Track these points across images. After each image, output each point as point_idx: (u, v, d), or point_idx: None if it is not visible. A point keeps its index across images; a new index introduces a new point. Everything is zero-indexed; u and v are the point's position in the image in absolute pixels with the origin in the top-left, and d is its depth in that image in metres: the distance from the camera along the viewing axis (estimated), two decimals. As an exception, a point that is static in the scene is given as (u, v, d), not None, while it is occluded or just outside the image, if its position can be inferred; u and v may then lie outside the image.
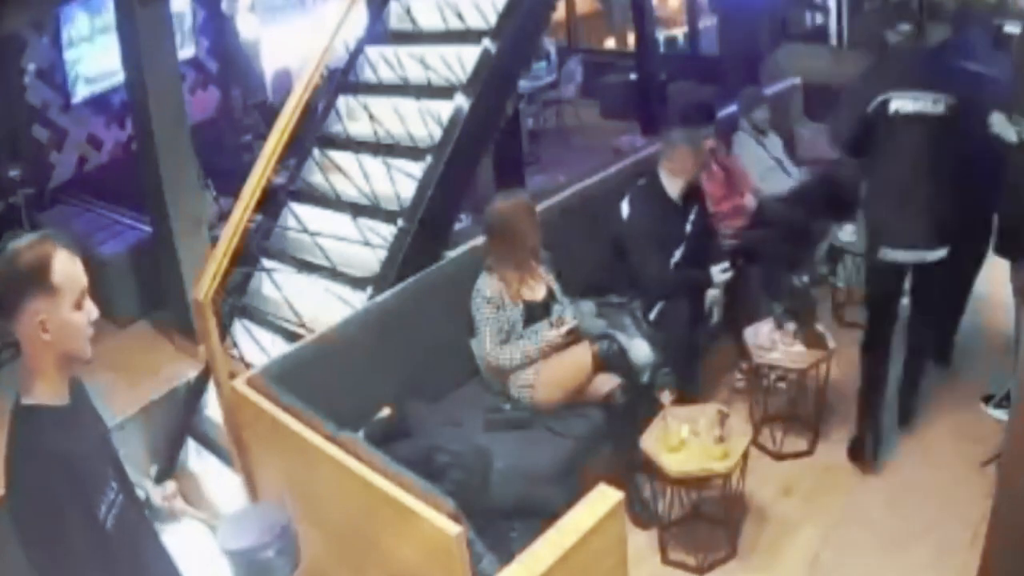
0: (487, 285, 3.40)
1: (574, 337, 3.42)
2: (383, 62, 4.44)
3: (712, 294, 3.82)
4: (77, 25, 6.35)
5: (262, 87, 7.80)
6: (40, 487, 1.61)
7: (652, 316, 3.70)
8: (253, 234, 4.05)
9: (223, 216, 4.77)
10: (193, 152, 4.69)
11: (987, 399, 3.73)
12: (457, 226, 4.50)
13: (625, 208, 3.84)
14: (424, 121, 3.99)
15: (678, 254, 3.86)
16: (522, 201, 3.50)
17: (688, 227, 3.92)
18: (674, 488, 3.14)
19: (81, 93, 6.48)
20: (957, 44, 3.48)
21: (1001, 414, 3.61)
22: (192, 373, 4.19)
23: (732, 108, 5.22)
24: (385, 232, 3.80)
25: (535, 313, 3.46)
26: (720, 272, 3.78)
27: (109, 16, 4.75)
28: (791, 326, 3.61)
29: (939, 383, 3.99)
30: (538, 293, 3.50)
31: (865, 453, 3.50)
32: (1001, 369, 3.67)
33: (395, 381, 3.34)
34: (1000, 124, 3.22)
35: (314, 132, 4.41)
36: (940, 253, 3.28)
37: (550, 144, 8.00)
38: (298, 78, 3.99)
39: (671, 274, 3.81)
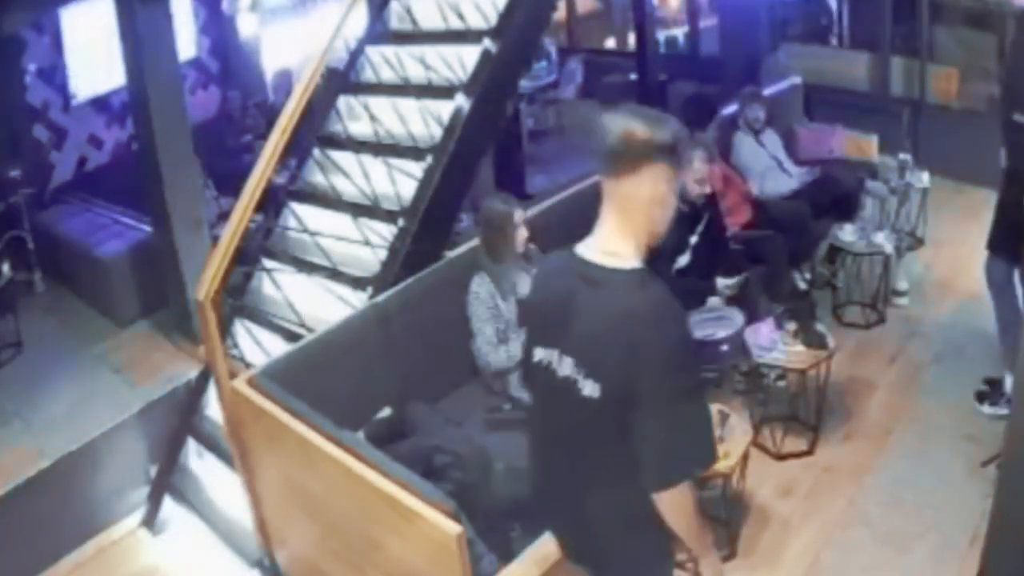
0: (480, 286, 3.45)
1: None
2: (384, 62, 4.44)
3: (713, 300, 3.82)
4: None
5: (262, 87, 7.79)
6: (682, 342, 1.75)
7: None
8: (253, 234, 4.05)
9: (223, 216, 4.77)
10: (193, 152, 4.68)
11: (981, 397, 3.73)
12: (457, 226, 4.50)
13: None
14: (425, 121, 3.99)
15: (682, 261, 3.85)
16: (506, 212, 3.51)
17: (694, 238, 3.88)
18: (674, 488, 3.14)
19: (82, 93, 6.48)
20: None
21: (994, 411, 3.62)
22: (192, 373, 4.19)
23: (732, 108, 5.22)
24: (385, 232, 3.80)
25: None
26: (726, 287, 3.79)
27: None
28: (791, 326, 3.61)
29: (939, 383, 4.00)
30: None
31: None
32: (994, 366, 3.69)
33: (395, 381, 3.34)
34: None
35: (314, 132, 4.40)
36: None
37: (550, 144, 8.00)
38: (298, 78, 3.98)
39: (672, 282, 3.80)
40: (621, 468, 1.77)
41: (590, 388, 1.75)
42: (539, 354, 1.88)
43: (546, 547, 2.18)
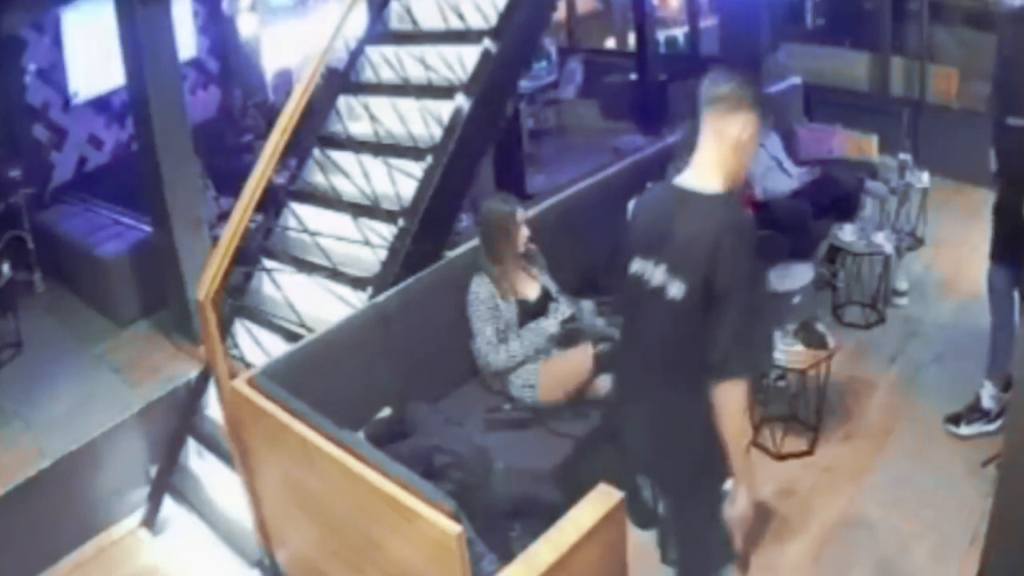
0: (480, 286, 3.46)
1: (573, 328, 3.46)
2: (384, 62, 4.44)
3: None
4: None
5: (262, 87, 7.79)
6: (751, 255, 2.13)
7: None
8: (253, 234, 4.05)
9: (223, 216, 4.77)
10: (194, 152, 4.68)
11: (955, 420, 3.67)
12: (457, 226, 4.50)
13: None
14: (425, 121, 3.99)
15: None
16: (508, 212, 3.51)
17: None
18: (674, 488, 3.14)
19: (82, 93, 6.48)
20: None
21: (971, 430, 3.60)
22: (192, 373, 4.19)
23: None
24: (385, 232, 3.80)
25: (530, 311, 3.49)
26: None
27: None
28: (791, 326, 3.61)
29: (939, 383, 4.00)
30: (531, 292, 3.55)
31: None
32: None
33: (395, 381, 3.34)
34: None
35: (314, 132, 4.40)
36: None
37: (550, 144, 8.00)
38: (298, 78, 3.98)
39: None
40: (694, 375, 2.10)
41: (676, 289, 2.10)
42: (636, 265, 2.24)
43: (545, 548, 2.19)
